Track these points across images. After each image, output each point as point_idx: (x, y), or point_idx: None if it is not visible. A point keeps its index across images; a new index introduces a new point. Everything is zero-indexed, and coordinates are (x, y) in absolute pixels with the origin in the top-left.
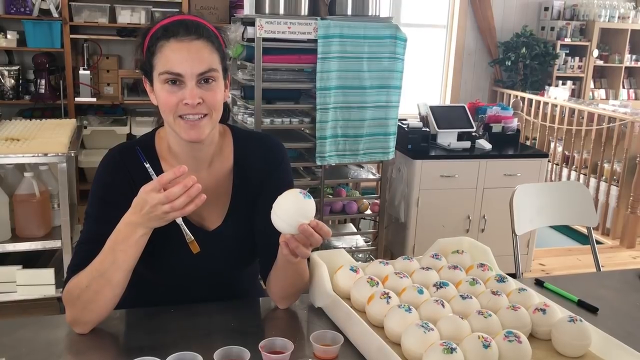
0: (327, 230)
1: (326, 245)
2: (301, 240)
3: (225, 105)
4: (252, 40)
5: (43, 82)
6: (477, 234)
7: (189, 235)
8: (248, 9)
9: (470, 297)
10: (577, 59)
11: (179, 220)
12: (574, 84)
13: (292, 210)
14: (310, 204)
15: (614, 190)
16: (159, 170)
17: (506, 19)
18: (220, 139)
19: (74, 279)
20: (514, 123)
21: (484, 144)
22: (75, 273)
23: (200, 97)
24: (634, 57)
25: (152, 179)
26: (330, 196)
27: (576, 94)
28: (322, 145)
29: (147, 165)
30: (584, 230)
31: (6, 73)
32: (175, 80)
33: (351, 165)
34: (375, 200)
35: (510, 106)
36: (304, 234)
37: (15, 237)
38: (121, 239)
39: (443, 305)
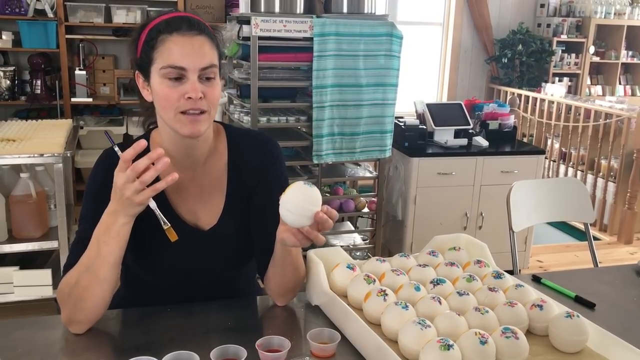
0: (335, 213)
1: (324, 244)
2: (315, 228)
3: None
4: (247, 38)
5: (39, 82)
6: (474, 231)
7: (164, 222)
8: (243, 7)
9: (467, 294)
10: (573, 55)
11: (153, 205)
12: (570, 80)
13: (303, 202)
14: (316, 192)
15: (611, 186)
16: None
17: (502, 16)
18: (214, 136)
19: (65, 278)
20: (511, 120)
21: (481, 141)
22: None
23: (202, 92)
24: (630, 53)
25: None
26: (328, 194)
27: (573, 90)
28: (319, 144)
29: (117, 149)
30: (582, 227)
31: (1, 74)
32: (178, 75)
33: (348, 164)
34: (373, 198)
35: (507, 103)
36: (320, 222)
37: (12, 238)
38: (103, 230)
39: (440, 302)
